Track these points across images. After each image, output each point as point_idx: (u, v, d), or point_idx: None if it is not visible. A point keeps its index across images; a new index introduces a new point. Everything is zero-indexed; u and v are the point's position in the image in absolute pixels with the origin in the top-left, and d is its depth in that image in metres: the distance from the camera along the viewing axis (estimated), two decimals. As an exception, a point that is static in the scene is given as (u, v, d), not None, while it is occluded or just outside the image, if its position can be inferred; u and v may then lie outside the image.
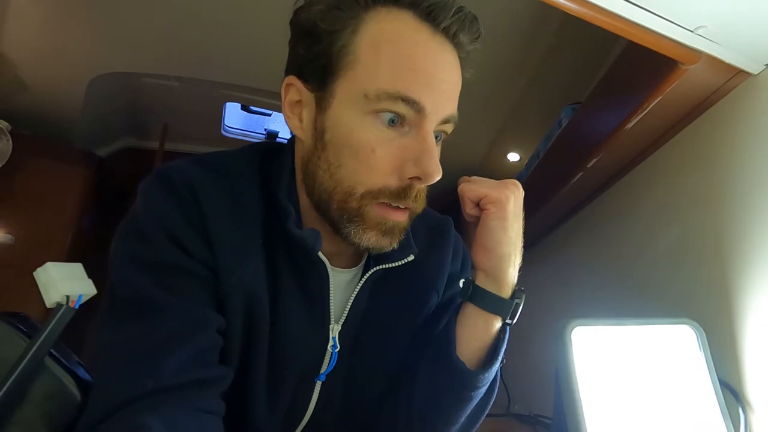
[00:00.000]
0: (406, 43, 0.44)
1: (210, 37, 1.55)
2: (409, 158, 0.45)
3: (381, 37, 0.44)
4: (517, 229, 0.52)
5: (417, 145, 0.45)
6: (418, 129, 0.45)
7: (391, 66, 0.44)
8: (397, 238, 0.50)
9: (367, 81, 0.44)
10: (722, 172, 0.87)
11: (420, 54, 0.44)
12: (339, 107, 0.46)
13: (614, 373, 0.67)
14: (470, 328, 0.52)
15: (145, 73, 1.76)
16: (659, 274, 0.98)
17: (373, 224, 0.47)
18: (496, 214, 0.50)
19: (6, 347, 0.38)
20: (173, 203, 0.47)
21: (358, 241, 0.48)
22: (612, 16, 0.73)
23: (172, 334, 0.43)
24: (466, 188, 0.52)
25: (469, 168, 2.18)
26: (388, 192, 0.46)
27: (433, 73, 0.45)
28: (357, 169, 0.46)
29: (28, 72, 1.51)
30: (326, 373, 0.55)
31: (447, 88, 0.46)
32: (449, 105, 0.47)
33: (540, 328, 1.03)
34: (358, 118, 0.45)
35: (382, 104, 0.44)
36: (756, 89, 0.83)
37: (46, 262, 0.43)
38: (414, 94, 0.44)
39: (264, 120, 2.41)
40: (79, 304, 0.45)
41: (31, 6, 1.32)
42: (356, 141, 0.45)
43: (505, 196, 0.50)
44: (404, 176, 0.46)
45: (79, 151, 1.81)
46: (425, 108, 0.44)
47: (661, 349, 0.72)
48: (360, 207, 0.47)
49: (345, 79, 0.45)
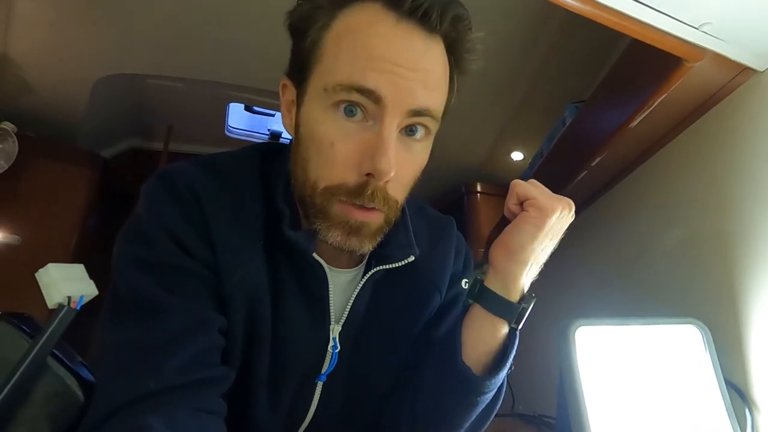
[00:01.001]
0: (365, 32, 0.43)
1: (214, 39, 1.56)
2: (367, 153, 0.43)
3: (344, 30, 0.44)
4: (547, 246, 0.50)
5: (375, 139, 0.43)
6: (380, 122, 0.43)
7: (349, 57, 0.42)
8: (369, 240, 0.47)
9: (327, 75, 0.44)
10: (727, 170, 0.86)
11: (379, 43, 0.42)
12: (308, 103, 0.46)
13: (618, 373, 0.67)
14: (476, 331, 0.51)
15: (149, 75, 1.77)
16: (664, 274, 0.97)
17: (337, 222, 0.45)
18: (534, 219, 0.47)
19: (9, 347, 0.38)
20: (175, 205, 0.47)
21: (325, 238, 0.46)
22: (616, 13, 0.72)
23: (174, 334, 0.43)
24: (518, 184, 0.49)
25: (471, 168, 2.18)
26: (346, 188, 0.44)
27: (394, 61, 0.42)
28: (319, 163, 0.45)
29: (34, 74, 1.52)
30: (327, 374, 0.55)
31: (413, 75, 0.42)
32: (419, 94, 0.43)
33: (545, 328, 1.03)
34: (320, 112, 0.44)
35: (339, 95, 0.43)
36: (762, 86, 0.82)
37: (48, 264, 0.43)
38: (369, 83, 0.41)
39: (267, 120, 2.41)
40: (80, 305, 0.45)
41: (37, 8, 1.33)
42: (318, 135, 0.44)
43: (551, 207, 0.47)
44: (362, 172, 0.44)
45: (84, 152, 1.82)
46: (383, 98, 0.42)
47: (665, 349, 0.71)
48: (323, 203, 0.46)
49: (314, 75, 0.45)
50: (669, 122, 0.99)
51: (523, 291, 0.51)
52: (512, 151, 2.13)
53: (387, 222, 0.48)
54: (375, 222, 0.47)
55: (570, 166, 1.27)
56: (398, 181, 0.46)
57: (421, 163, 0.49)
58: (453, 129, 1.88)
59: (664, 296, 0.96)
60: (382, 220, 0.47)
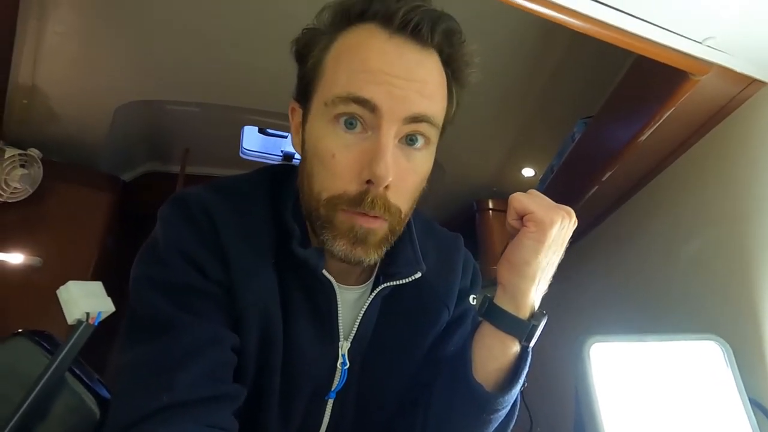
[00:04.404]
0: (360, 49, 0.45)
1: (229, 64, 1.62)
2: (366, 161, 0.44)
3: (342, 49, 0.46)
4: (552, 257, 0.49)
5: (373, 147, 0.44)
6: (378, 131, 0.44)
7: (347, 72, 0.45)
8: (374, 249, 0.47)
9: (327, 90, 0.46)
10: (741, 182, 0.85)
11: (373, 56, 0.44)
12: (311, 120, 0.48)
13: (636, 391, 0.65)
14: (486, 348, 0.51)
15: (167, 100, 1.84)
16: (681, 289, 0.95)
17: (342, 232, 0.46)
18: (533, 234, 0.47)
19: (29, 363, 0.39)
20: (190, 227, 0.48)
21: (331, 249, 0.47)
22: (619, 31, 0.73)
23: (187, 350, 0.44)
24: (516, 198, 0.49)
25: (483, 185, 2.18)
26: (347, 197, 0.45)
27: (388, 72, 0.44)
28: (322, 175, 0.46)
29: (59, 103, 1.60)
30: (336, 391, 0.55)
31: (408, 85, 0.44)
32: (415, 102, 0.45)
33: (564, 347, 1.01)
34: (322, 127, 0.46)
35: (338, 108, 0.44)
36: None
37: (68, 281, 0.45)
38: (365, 93, 0.43)
39: (281, 142, 2.47)
40: (98, 321, 0.46)
41: (63, 42, 1.40)
42: (320, 148, 0.46)
43: (550, 219, 0.47)
44: (362, 180, 0.45)
45: (105, 176, 1.89)
46: (379, 106, 0.43)
47: (685, 366, 0.69)
48: (327, 214, 0.47)
49: (316, 93, 0.48)
50: (679, 136, 0.99)
51: (533, 307, 0.50)
52: (523, 168, 2.13)
53: (391, 231, 0.49)
54: (379, 230, 0.47)
55: (581, 181, 1.26)
56: (399, 189, 0.47)
57: (423, 172, 0.49)
58: (464, 147, 1.89)
59: (682, 312, 0.94)
60: (386, 229, 0.48)
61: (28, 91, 1.49)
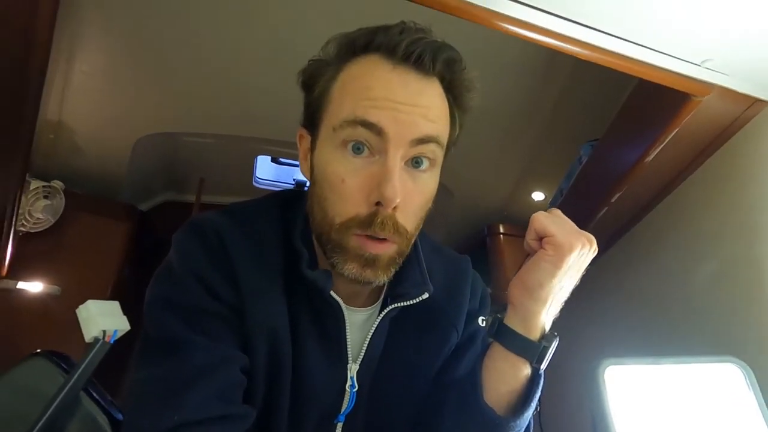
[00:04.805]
0: (365, 78, 0.47)
1: (243, 97, 1.69)
2: (375, 184, 0.45)
3: (348, 79, 0.49)
4: (568, 283, 0.49)
5: (381, 171, 0.45)
6: (384, 155, 0.46)
7: (352, 99, 0.47)
8: (383, 271, 0.48)
9: (334, 116, 0.48)
10: (754, 198, 0.84)
11: (378, 85, 0.46)
12: (320, 146, 0.50)
13: (654, 416, 0.63)
14: (496, 370, 0.50)
15: (184, 132, 1.92)
16: (698, 310, 0.93)
17: (353, 255, 0.47)
18: (552, 258, 0.47)
19: (47, 382, 0.41)
20: (203, 251, 0.50)
21: (342, 272, 0.48)
22: (619, 56, 0.76)
23: (198, 370, 0.45)
24: (537, 219, 0.49)
25: (494, 210, 2.18)
26: (359, 220, 0.46)
27: (393, 99, 0.45)
28: (333, 200, 0.48)
29: (84, 137, 1.68)
30: (345, 414, 0.55)
31: (412, 110, 0.46)
32: (420, 125, 0.46)
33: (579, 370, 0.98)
34: (331, 152, 0.48)
35: (346, 132, 0.46)
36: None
37: (87, 300, 0.47)
38: (371, 117, 0.45)
39: (293, 170, 2.52)
40: (114, 339, 0.48)
41: (89, 79, 1.49)
42: (330, 174, 0.48)
43: (569, 244, 0.46)
44: (371, 202, 0.46)
45: (123, 206, 1.95)
46: (386, 130, 0.45)
47: (704, 390, 0.67)
48: (340, 238, 0.48)
49: (323, 121, 0.50)
50: (686, 156, 0.99)
51: (543, 329, 0.50)
52: (533, 191, 2.13)
53: (399, 253, 0.50)
54: (388, 253, 0.48)
55: (590, 203, 1.26)
56: (407, 210, 0.48)
57: (429, 192, 0.50)
58: (474, 173, 1.91)
59: (699, 334, 0.91)
60: (394, 251, 0.49)
61: (54, 126, 1.57)
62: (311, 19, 1.38)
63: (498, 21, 0.69)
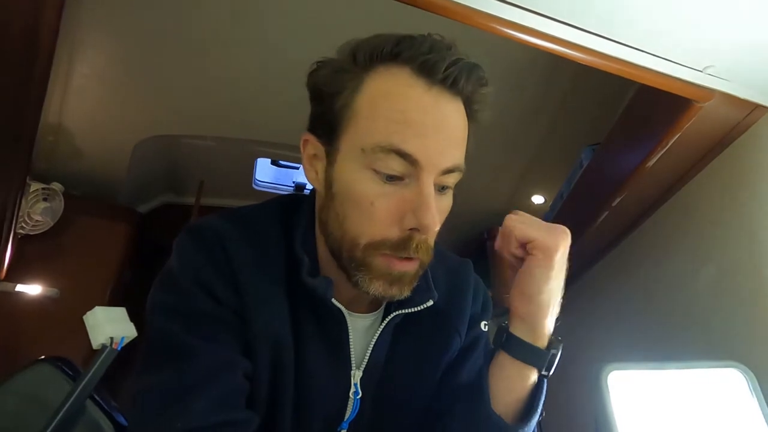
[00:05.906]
0: (399, 98, 0.46)
1: (243, 100, 1.69)
2: (408, 210, 0.46)
3: (377, 94, 0.47)
4: (560, 280, 0.49)
5: (415, 197, 0.45)
6: (417, 181, 0.46)
7: (385, 121, 0.45)
8: (408, 286, 0.49)
9: (364, 136, 0.46)
10: (755, 204, 0.85)
11: (413, 108, 0.45)
12: (342, 161, 0.49)
13: (657, 420, 0.63)
14: (504, 380, 0.50)
15: (184, 135, 1.92)
16: (700, 315, 0.93)
17: (379, 274, 0.47)
18: (542, 261, 0.47)
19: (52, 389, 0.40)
20: (204, 255, 0.50)
21: (366, 290, 0.48)
22: (621, 62, 0.76)
23: (201, 376, 0.44)
24: (515, 227, 0.49)
25: (494, 213, 2.19)
26: (390, 243, 0.47)
27: (428, 125, 0.45)
28: (359, 220, 0.47)
29: (83, 140, 1.67)
30: (349, 421, 0.54)
31: (444, 139, 0.46)
32: (449, 155, 0.46)
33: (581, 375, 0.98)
34: (357, 171, 0.47)
35: (378, 158, 0.45)
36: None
37: (95, 307, 0.47)
38: (407, 147, 0.44)
39: (293, 173, 2.52)
40: (121, 346, 0.48)
41: (88, 82, 1.49)
42: (356, 194, 0.47)
43: (555, 243, 0.47)
44: (404, 227, 0.46)
45: (122, 208, 1.95)
46: (420, 161, 0.45)
47: (707, 395, 0.67)
48: (364, 257, 0.48)
49: (347, 135, 0.48)
50: (687, 161, 1.00)
51: (549, 335, 0.50)
52: (533, 195, 2.14)
53: (422, 267, 0.50)
54: (414, 270, 0.49)
55: (591, 207, 1.26)
56: (435, 230, 0.48)
57: (448, 210, 0.52)
58: (474, 177, 1.90)
59: (701, 339, 0.91)
60: (419, 266, 0.50)
61: (54, 129, 1.57)
62: (308, 24, 1.39)
63: (501, 26, 0.70)
